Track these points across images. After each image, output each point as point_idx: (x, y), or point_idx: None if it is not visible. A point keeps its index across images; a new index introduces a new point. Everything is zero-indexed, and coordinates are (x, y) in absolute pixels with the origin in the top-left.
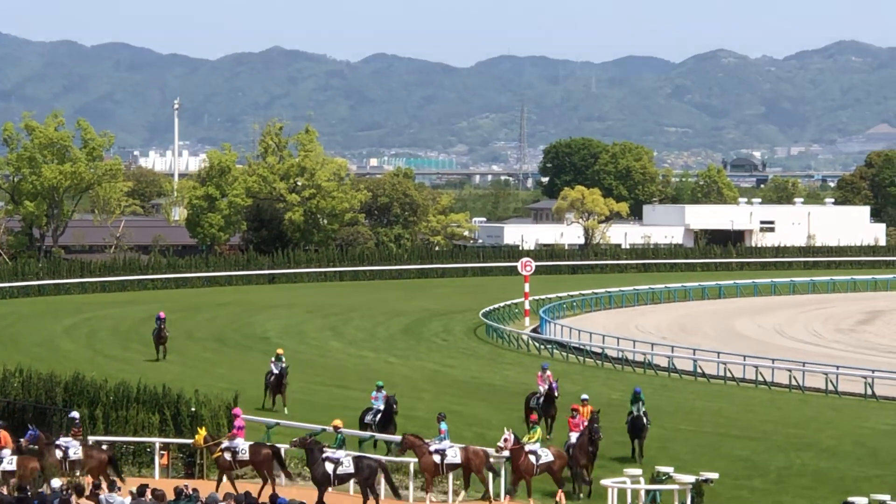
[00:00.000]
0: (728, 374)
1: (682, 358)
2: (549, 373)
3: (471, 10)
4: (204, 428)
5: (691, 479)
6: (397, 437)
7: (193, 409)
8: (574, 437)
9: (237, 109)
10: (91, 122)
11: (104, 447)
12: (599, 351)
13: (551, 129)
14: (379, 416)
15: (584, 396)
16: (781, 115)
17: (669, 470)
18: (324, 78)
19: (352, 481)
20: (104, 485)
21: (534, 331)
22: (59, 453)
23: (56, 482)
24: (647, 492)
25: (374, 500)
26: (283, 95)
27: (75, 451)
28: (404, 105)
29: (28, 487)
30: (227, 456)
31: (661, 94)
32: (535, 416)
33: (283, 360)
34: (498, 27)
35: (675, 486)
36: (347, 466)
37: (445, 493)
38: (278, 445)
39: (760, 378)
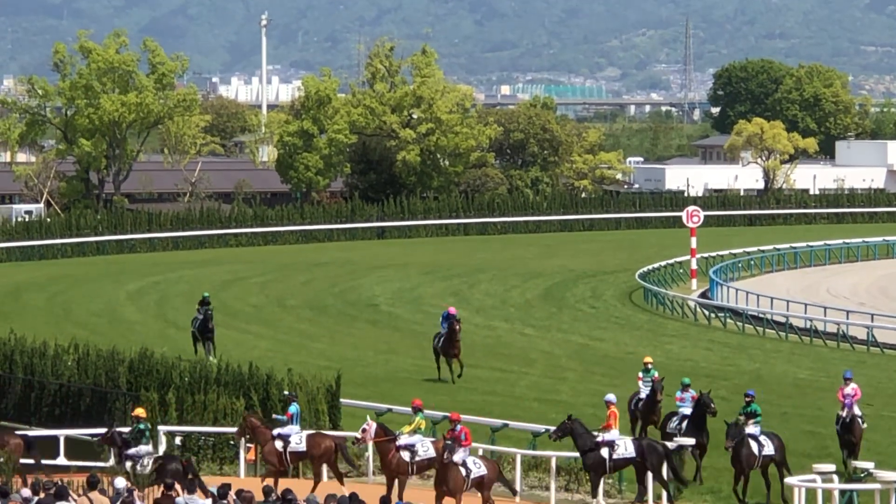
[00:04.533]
0: None
1: (884, 328)
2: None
3: None
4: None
5: None
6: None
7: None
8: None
9: (338, 26)
10: (160, 43)
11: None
12: (783, 320)
13: (723, 48)
14: (686, 422)
15: (610, 398)
16: None
17: (869, 466)
18: None
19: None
20: (178, 486)
21: (702, 296)
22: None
23: (120, 482)
24: (843, 492)
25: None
26: (394, 9)
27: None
28: (542, 20)
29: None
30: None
31: (858, 5)
32: (418, 402)
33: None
34: None
35: (877, 486)
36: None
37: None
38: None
39: None
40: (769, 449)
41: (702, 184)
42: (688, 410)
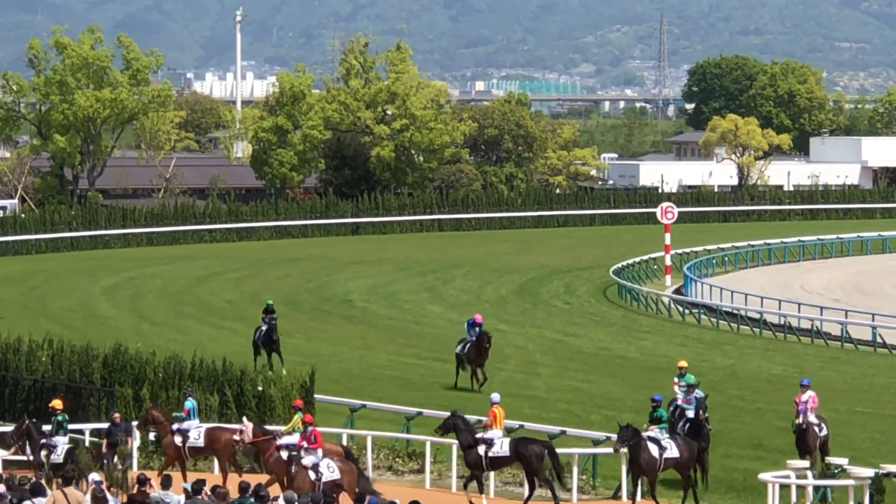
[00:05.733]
0: None
1: (858, 325)
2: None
3: None
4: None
5: (870, 472)
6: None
7: (261, 389)
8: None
9: (313, 22)
10: (135, 38)
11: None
12: (757, 316)
13: (697, 44)
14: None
15: (494, 397)
16: None
17: (843, 462)
18: None
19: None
20: (153, 481)
21: (676, 292)
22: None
23: (94, 476)
24: (816, 488)
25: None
26: (368, 4)
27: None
28: (517, 15)
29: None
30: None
31: (832, 2)
32: (299, 402)
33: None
34: None
35: (850, 482)
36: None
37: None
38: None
39: None
40: (672, 452)
41: (676, 180)
42: (692, 413)
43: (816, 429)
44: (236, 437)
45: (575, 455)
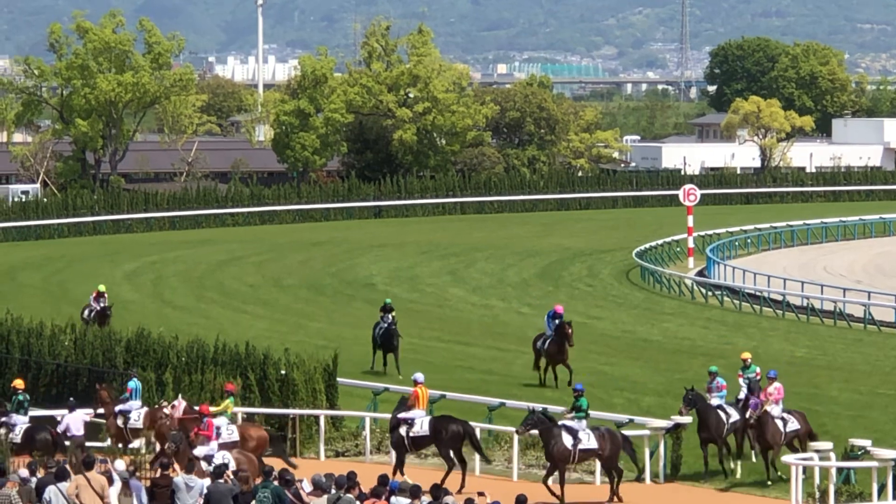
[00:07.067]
0: None
1: (881, 306)
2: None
3: None
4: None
5: (893, 454)
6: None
7: (284, 372)
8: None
9: (334, 5)
10: (156, 23)
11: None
12: (780, 298)
13: (719, 27)
14: None
15: (417, 376)
16: None
17: (866, 444)
18: None
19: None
20: (176, 465)
21: (699, 274)
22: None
23: (120, 464)
24: (840, 470)
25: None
26: None
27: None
28: None
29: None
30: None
31: None
32: (231, 386)
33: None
34: None
35: (874, 463)
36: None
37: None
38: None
39: None
40: (589, 443)
41: (698, 162)
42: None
43: (780, 423)
44: (166, 411)
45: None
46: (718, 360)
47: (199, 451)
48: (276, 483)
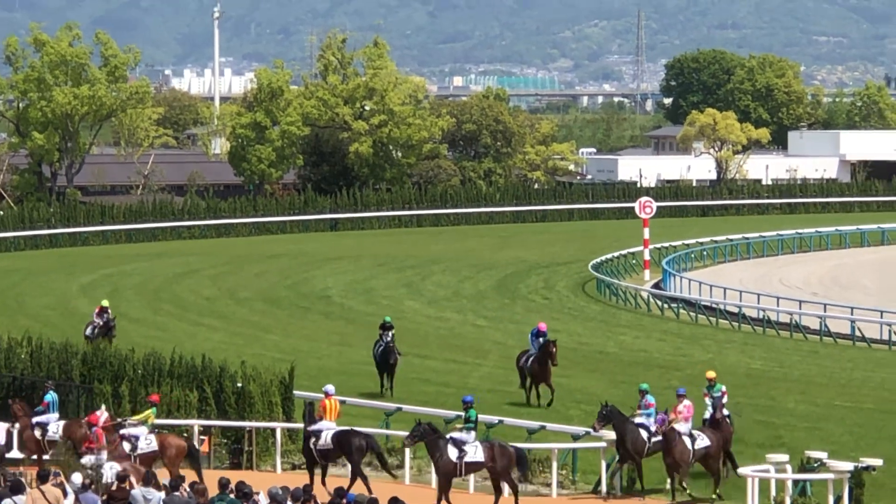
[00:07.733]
0: (893, 339)
1: (836, 318)
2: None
3: None
4: None
5: (849, 466)
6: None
7: (240, 385)
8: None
9: (290, 18)
10: (112, 35)
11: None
12: (736, 310)
13: (675, 39)
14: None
15: (328, 388)
16: None
17: (822, 455)
18: None
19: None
20: (133, 478)
21: (655, 286)
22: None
23: (77, 477)
24: (796, 482)
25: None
26: (346, 0)
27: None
28: (495, 11)
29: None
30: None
31: None
32: (156, 397)
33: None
34: None
35: (830, 475)
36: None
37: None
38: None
39: None
40: (476, 456)
41: (654, 174)
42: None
43: (687, 440)
44: (84, 420)
45: (554, 450)
46: (674, 373)
47: (86, 459)
48: (232, 496)
